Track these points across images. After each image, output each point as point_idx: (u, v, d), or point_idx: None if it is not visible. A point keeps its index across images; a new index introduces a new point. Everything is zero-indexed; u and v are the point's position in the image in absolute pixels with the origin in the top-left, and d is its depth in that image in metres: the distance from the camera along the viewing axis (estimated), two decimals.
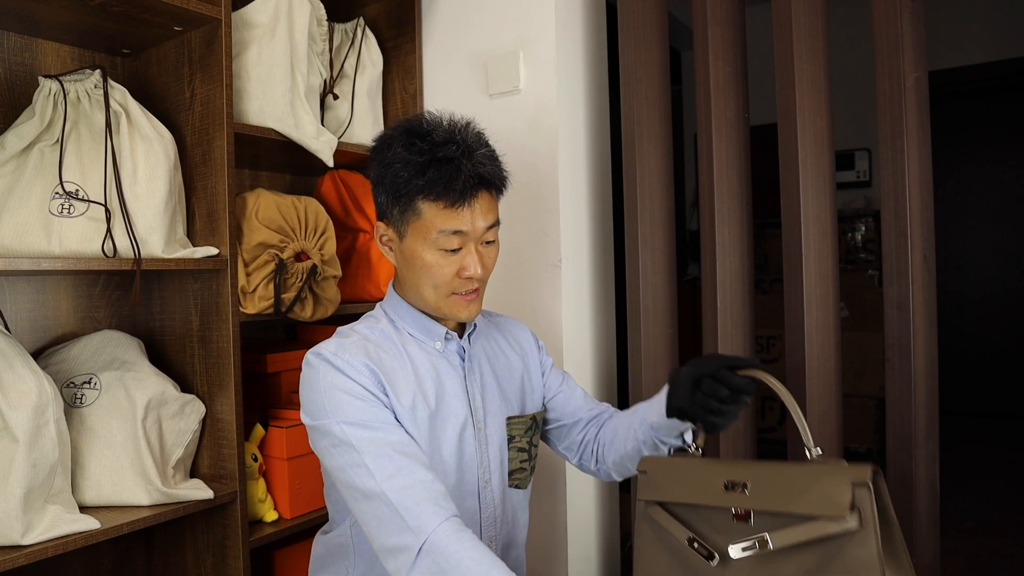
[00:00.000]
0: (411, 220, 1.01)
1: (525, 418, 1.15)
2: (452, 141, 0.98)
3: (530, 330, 1.27)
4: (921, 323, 1.37)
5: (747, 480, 0.90)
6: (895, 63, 1.36)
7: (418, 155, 0.98)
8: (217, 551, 1.38)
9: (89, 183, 1.23)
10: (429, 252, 1.01)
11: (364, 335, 1.06)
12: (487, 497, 1.10)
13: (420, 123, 1.02)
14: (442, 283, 1.02)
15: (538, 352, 1.24)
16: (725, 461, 1.00)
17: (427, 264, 1.01)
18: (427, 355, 1.09)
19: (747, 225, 1.56)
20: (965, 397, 4.17)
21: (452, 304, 1.05)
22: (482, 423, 1.10)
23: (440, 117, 1.03)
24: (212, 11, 1.30)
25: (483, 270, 1.03)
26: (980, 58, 3.73)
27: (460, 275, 1.02)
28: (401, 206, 1.01)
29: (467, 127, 1.03)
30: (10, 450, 1.07)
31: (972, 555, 2.36)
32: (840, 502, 0.82)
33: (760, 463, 0.93)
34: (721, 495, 0.91)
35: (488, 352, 1.16)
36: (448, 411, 1.07)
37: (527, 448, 1.15)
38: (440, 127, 1.01)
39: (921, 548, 1.36)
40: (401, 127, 1.03)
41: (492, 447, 1.11)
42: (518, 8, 1.67)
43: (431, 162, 0.97)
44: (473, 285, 1.04)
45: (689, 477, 0.96)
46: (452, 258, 1.01)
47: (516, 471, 1.14)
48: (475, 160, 0.98)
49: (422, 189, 0.98)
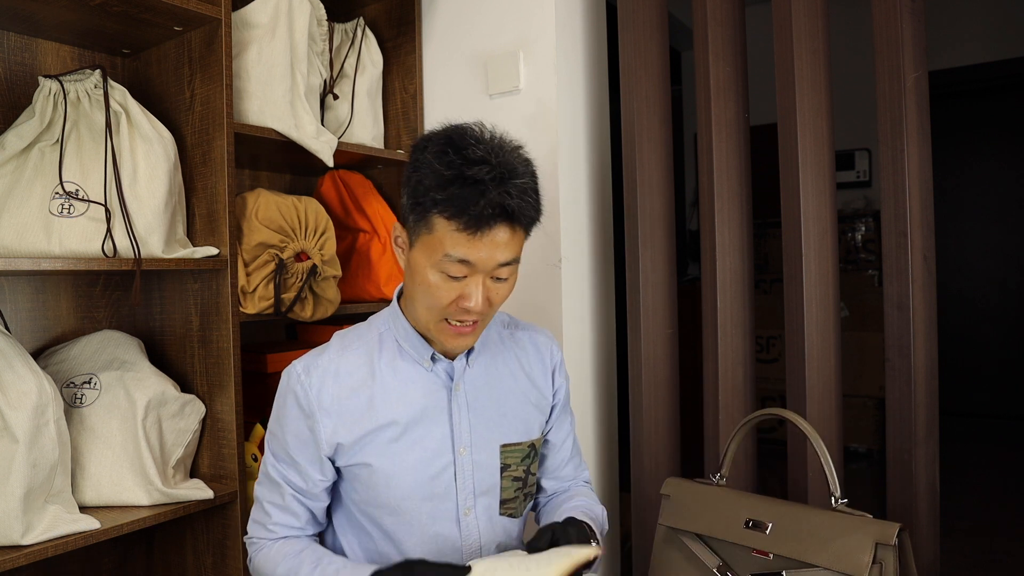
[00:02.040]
0: (422, 232, 0.93)
1: (522, 445, 1.08)
2: (486, 162, 0.89)
3: (554, 348, 1.17)
4: (921, 323, 1.37)
5: (769, 521, 0.90)
6: (895, 63, 1.36)
7: (446, 167, 0.89)
8: (217, 551, 1.38)
9: (89, 183, 1.23)
10: (432, 272, 0.94)
11: (343, 349, 1.05)
12: (469, 525, 1.05)
13: (463, 133, 0.94)
14: (437, 307, 0.95)
15: (552, 377, 1.16)
16: (749, 496, 0.99)
17: (428, 283, 0.94)
18: (413, 373, 1.04)
19: (747, 225, 1.56)
20: (965, 397, 4.17)
21: (441, 330, 0.98)
22: (466, 448, 1.04)
23: (488, 134, 0.94)
24: (212, 11, 1.30)
25: (486, 305, 0.95)
26: (980, 58, 3.73)
27: (458, 304, 0.94)
28: (416, 214, 0.94)
29: (512, 151, 0.93)
30: (10, 450, 1.07)
31: (972, 555, 2.36)
32: (860, 562, 0.81)
33: (785, 504, 0.92)
34: (742, 532, 0.91)
35: (492, 371, 1.09)
36: (422, 432, 1.02)
37: (523, 476, 1.09)
38: (481, 144, 0.91)
39: (921, 548, 1.35)
40: (445, 132, 0.96)
41: (480, 473, 1.05)
42: (518, 8, 1.67)
43: (456, 178, 0.89)
44: (470, 317, 0.96)
45: (712, 508, 0.96)
46: (454, 284, 0.93)
47: (510, 500, 1.08)
48: (506, 188, 0.89)
49: (438, 203, 0.89)
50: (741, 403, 1.53)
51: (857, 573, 0.82)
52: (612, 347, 1.82)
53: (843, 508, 0.90)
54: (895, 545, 0.81)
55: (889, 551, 0.81)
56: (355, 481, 1.03)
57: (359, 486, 1.03)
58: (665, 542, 1.02)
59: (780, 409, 1.02)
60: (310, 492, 1.04)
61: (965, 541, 2.46)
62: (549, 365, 1.15)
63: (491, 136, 0.94)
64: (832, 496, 0.92)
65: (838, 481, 0.94)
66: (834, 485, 0.93)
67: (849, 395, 3.39)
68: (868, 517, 0.87)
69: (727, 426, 1.53)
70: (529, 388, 1.12)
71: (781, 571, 0.87)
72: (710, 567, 0.95)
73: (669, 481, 1.01)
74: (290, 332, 1.88)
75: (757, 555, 0.91)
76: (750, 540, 0.91)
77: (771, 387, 3.59)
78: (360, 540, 1.07)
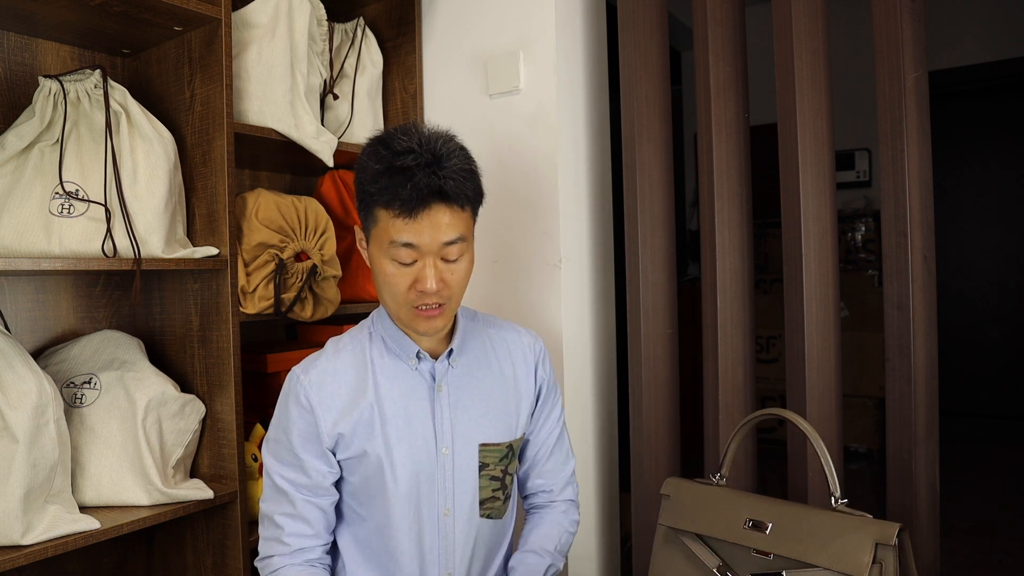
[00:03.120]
0: (371, 227, 1.01)
1: (500, 446, 1.11)
2: (412, 151, 0.96)
3: (538, 347, 1.20)
4: (921, 323, 1.37)
5: (770, 521, 0.91)
6: (895, 63, 1.36)
7: (377, 162, 0.98)
8: (217, 551, 1.38)
9: (89, 183, 1.23)
10: (386, 262, 1.00)
11: (337, 351, 1.10)
12: (446, 527, 1.08)
13: (393, 131, 1.01)
14: (399, 294, 1.01)
15: (535, 373, 1.18)
16: (749, 496, 0.99)
17: (385, 273, 1.00)
18: (400, 371, 1.08)
19: (747, 225, 1.56)
20: (965, 397, 4.17)
21: (412, 317, 1.02)
22: (449, 448, 1.07)
23: (415, 128, 1.01)
24: (212, 11, 1.30)
25: (443, 286, 1.00)
26: (980, 58, 3.73)
27: (415, 288, 0.99)
28: (364, 211, 1.02)
29: (442, 140, 0.99)
30: (10, 450, 1.07)
31: (972, 555, 2.36)
32: (859, 561, 0.81)
33: (785, 504, 0.93)
34: (742, 532, 0.92)
35: (474, 371, 1.12)
36: (408, 431, 1.06)
37: (500, 477, 1.12)
38: (408, 137, 0.98)
39: (921, 548, 1.35)
40: (378, 134, 1.03)
41: (460, 474, 1.08)
42: (518, 8, 1.67)
43: (386, 170, 0.96)
44: (431, 300, 1.00)
45: (712, 509, 0.96)
46: (407, 270, 0.99)
47: (487, 500, 1.10)
48: (435, 171, 0.95)
49: (375, 196, 0.97)
50: (741, 403, 1.53)
51: (857, 573, 0.82)
52: (612, 347, 1.82)
53: (843, 508, 0.90)
54: (895, 545, 0.81)
55: (889, 551, 0.81)
56: (352, 474, 1.07)
57: (356, 478, 1.06)
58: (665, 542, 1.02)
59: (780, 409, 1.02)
60: (319, 487, 1.05)
61: (965, 541, 2.46)
62: (532, 361, 1.18)
63: (421, 130, 1.01)
64: (832, 496, 0.92)
65: (838, 481, 0.94)
66: (834, 485, 0.93)
67: (849, 395, 3.39)
68: (868, 517, 0.87)
69: (727, 426, 1.53)
70: (511, 388, 1.14)
71: (781, 571, 0.88)
72: (710, 567, 0.95)
73: (669, 481, 1.01)
74: (290, 332, 1.88)
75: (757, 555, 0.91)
76: (750, 540, 0.92)
77: (771, 387, 3.59)
78: (352, 531, 1.10)
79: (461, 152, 1.01)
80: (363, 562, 1.09)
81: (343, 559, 1.11)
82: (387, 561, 1.07)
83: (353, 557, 1.10)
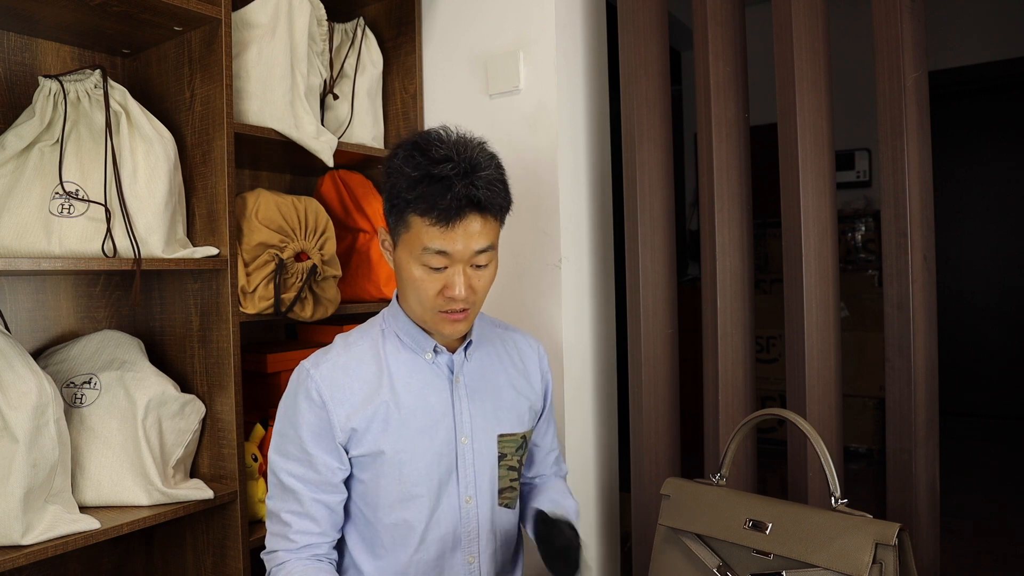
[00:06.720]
0: (402, 232, 1.01)
1: (516, 436, 1.14)
2: (450, 160, 0.97)
3: (542, 352, 1.25)
4: (921, 323, 1.37)
5: (770, 521, 0.91)
6: (895, 63, 1.36)
7: (413, 169, 0.97)
8: (217, 551, 1.38)
9: (89, 183, 1.23)
10: (415, 267, 1.01)
11: (348, 346, 1.10)
12: (468, 513, 1.09)
13: (428, 137, 1.01)
14: (426, 299, 1.02)
15: (540, 377, 1.23)
16: (749, 496, 1.00)
17: (413, 278, 1.01)
18: (417, 365, 1.09)
19: (747, 225, 1.56)
20: (965, 397, 4.17)
21: (437, 320, 1.04)
22: (468, 437, 1.09)
23: (451, 134, 1.02)
24: (212, 11, 1.30)
25: (470, 292, 1.02)
26: (980, 58, 3.73)
27: (444, 294, 1.01)
28: (395, 216, 1.02)
29: (476, 147, 1.01)
30: (10, 450, 1.07)
31: (972, 555, 2.36)
32: (860, 562, 0.81)
33: (785, 504, 0.93)
34: (742, 532, 0.92)
35: (488, 365, 1.15)
36: (428, 422, 1.07)
37: (517, 467, 1.15)
38: (444, 144, 0.99)
39: (921, 548, 1.35)
40: (412, 138, 1.03)
41: (480, 463, 1.10)
42: (518, 8, 1.67)
43: (424, 178, 0.96)
44: (458, 305, 1.02)
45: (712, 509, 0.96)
46: (437, 276, 1.00)
47: (505, 490, 1.13)
48: (472, 181, 0.96)
49: (411, 203, 0.98)
50: (741, 403, 1.53)
51: (857, 573, 0.81)
52: (612, 347, 1.81)
53: (843, 508, 0.90)
54: (895, 545, 0.81)
55: (889, 551, 0.81)
56: (364, 471, 1.06)
57: (367, 475, 1.06)
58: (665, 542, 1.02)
59: (780, 409, 1.02)
60: (328, 483, 1.05)
61: (965, 541, 2.46)
62: (538, 363, 1.23)
63: (455, 136, 1.02)
64: (832, 496, 0.92)
65: (838, 481, 0.94)
66: (834, 485, 0.93)
67: (849, 395, 3.39)
68: (868, 517, 0.87)
69: (727, 426, 1.53)
70: (523, 382, 1.18)
71: (781, 571, 0.87)
72: (710, 567, 0.95)
73: (669, 481, 1.01)
74: (290, 332, 1.88)
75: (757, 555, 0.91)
76: (750, 540, 0.91)
77: (771, 387, 3.59)
78: (359, 529, 1.10)
79: (493, 160, 1.02)
80: (366, 552, 1.09)
81: (350, 552, 1.10)
82: (400, 551, 1.07)
83: (359, 548, 1.10)
